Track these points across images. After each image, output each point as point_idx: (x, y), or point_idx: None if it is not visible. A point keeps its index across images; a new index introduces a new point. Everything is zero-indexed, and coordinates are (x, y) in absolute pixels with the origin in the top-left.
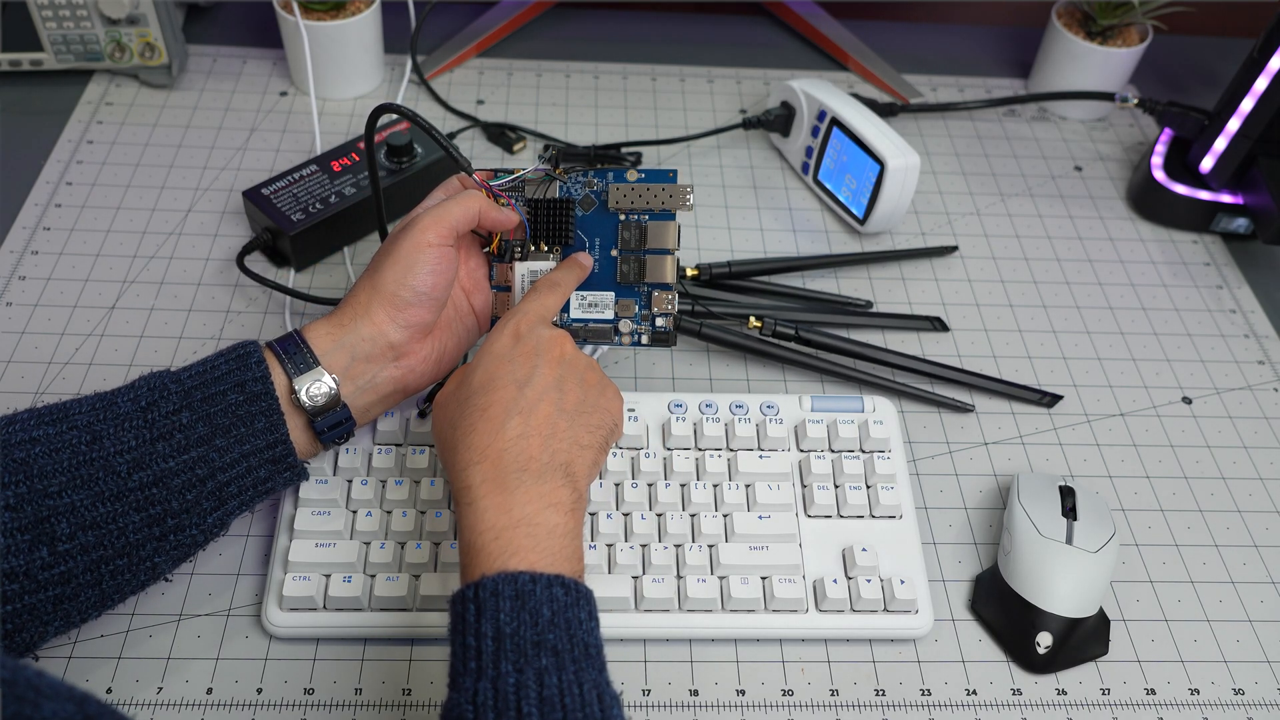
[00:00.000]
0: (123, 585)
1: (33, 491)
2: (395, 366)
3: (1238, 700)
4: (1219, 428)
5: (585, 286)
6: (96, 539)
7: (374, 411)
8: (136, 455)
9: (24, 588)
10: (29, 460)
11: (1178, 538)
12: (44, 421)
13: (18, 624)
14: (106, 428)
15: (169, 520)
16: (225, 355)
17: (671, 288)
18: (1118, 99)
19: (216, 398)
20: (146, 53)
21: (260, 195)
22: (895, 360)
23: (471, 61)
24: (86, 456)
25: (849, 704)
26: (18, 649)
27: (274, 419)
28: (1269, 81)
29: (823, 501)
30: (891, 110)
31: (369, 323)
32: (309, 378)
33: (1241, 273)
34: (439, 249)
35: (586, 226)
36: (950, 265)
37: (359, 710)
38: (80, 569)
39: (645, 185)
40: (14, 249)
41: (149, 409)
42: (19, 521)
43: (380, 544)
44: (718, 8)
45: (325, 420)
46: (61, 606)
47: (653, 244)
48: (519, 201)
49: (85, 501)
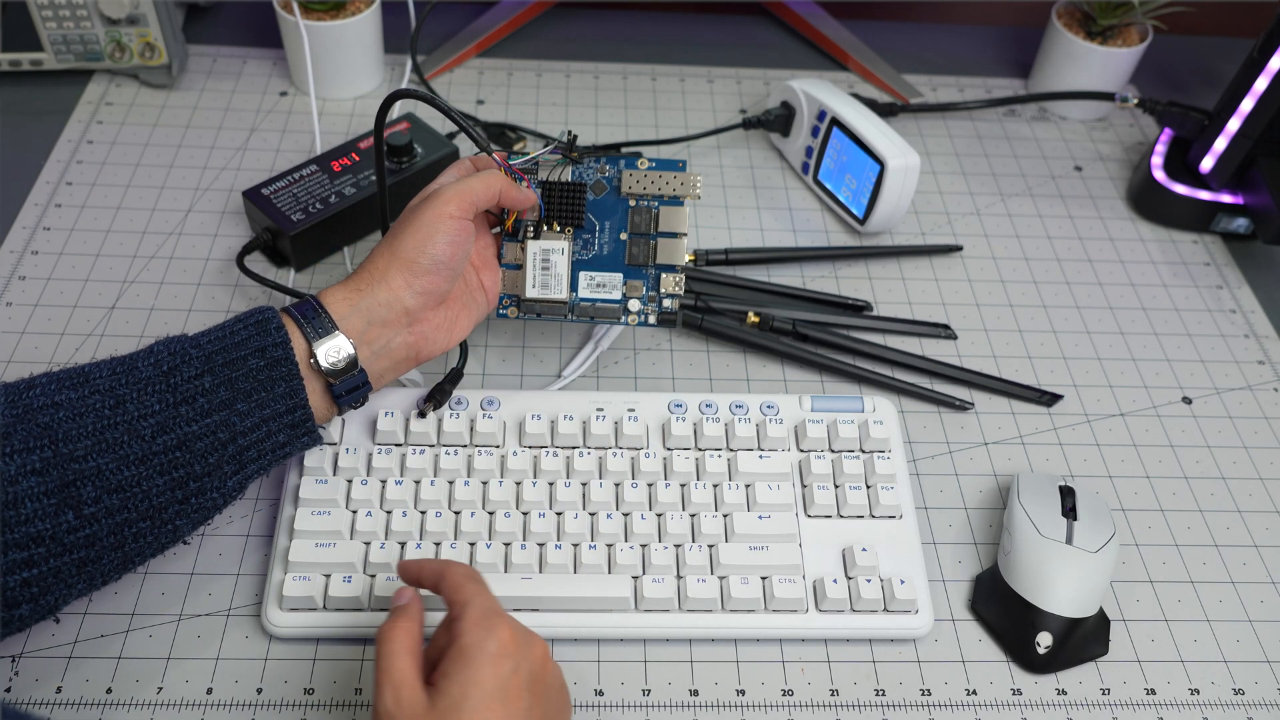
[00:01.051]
0: (144, 548)
1: (58, 455)
2: (409, 332)
3: (1238, 700)
4: (1219, 428)
5: (594, 268)
6: (121, 502)
7: (387, 377)
8: (160, 419)
9: (50, 551)
10: (53, 425)
11: (1178, 538)
12: (65, 386)
13: (43, 587)
14: (129, 392)
15: (191, 483)
16: (244, 320)
17: (679, 270)
18: (1118, 99)
19: (237, 363)
20: (146, 53)
21: (260, 195)
22: (895, 358)
23: (471, 61)
24: (110, 420)
25: (849, 704)
26: (41, 612)
27: (294, 384)
28: (1269, 81)
29: (823, 501)
30: (891, 110)
31: (386, 288)
32: (327, 342)
33: (1241, 273)
34: (459, 221)
35: (597, 210)
36: (951, 265)
37: (359, 710)
38: (105, 532)
39: (656, 172)
40: (14, 249)
41: (170, 373)
42: (45, 485)
43: (380, 544)
44: (718, 8)
45: (343, 384)
46: (85, 569)
47: (665, 227)
48: (534, 182)
49: (111, 465)
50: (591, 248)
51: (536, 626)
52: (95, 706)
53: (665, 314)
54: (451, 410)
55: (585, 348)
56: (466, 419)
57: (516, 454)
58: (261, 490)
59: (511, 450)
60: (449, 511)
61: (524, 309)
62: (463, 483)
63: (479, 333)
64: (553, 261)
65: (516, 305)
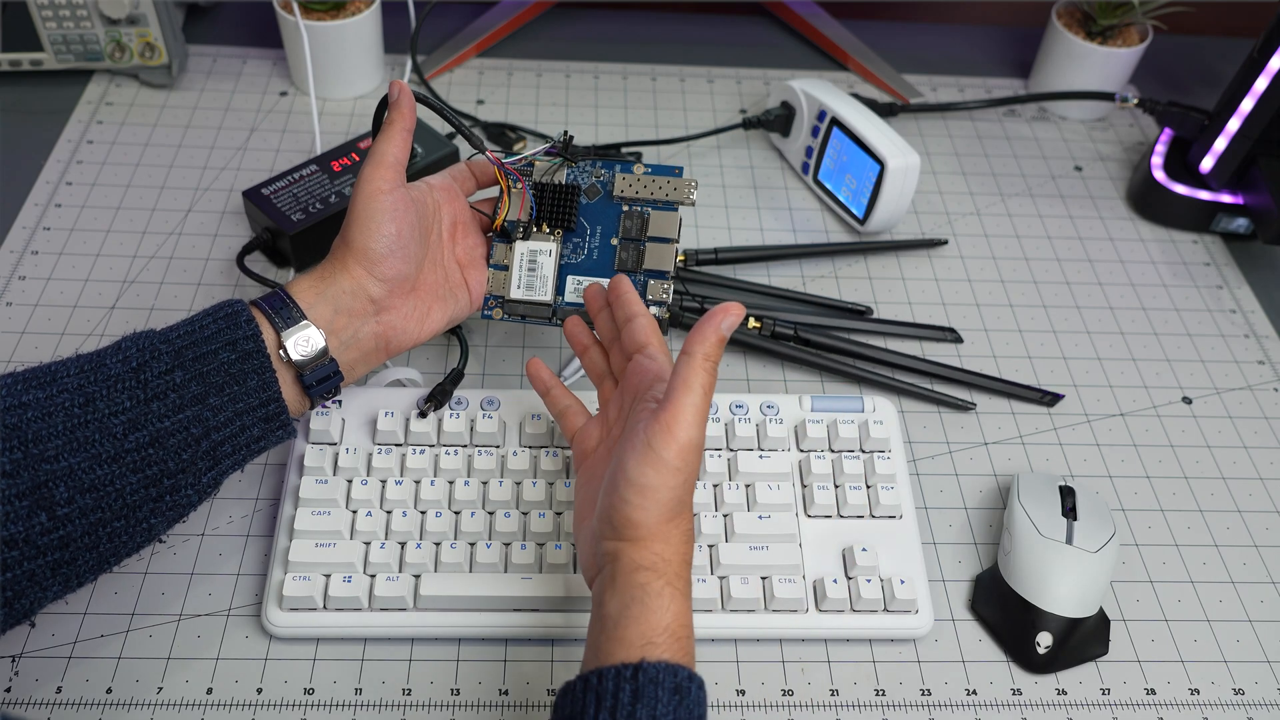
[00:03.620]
0: (120, 548)
1: (29, 457)
2: (377, 322)
3: (1238, 700)
4: (1219, 428)
5: (582, 272)
6: (95, 502)
7: (358, 369)
8: (132, 416)
9: (24, 554)
10: (21, 425)
11: (1178, 538)
12: (31, 385)
13: (17, 590)
14: (99, 389)
15: (166, 480)
16: (212, 314)
17: (668, 276)
18: (1118, 99)
19: (208, 356)
20: (146, 53)
21: (260, 195)
22: (895, 359)
23: (471, 61)
24: (81, 419)
25: (849, 704)
26: (17, 616)
27: (266, 376)
28: (1269, 81)
29: (823, 501)
30: (891, 110)
31: (348, 276)
32: (296, 332)
33: (1241, 273)
34: (391, 194)
35: (589, 214)
36: (950, 265)
37: (359, 710)
38: (79, 533)
39: (651, 177)
40: (14, 249)
41: (140, 369)
42: (16, 488)
43: (380, 544)
44: (718, 8)
45: (314, 374)
46: (60, 571)
47: (654, 232)
48: (528, 183)
49: (83, 464)
50: (581, 251)
51: (537, 626)
52: (95, 706)
53: None
54: (451, 410)
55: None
56: (466, 419)
57: (516, 454)
58: (261, 490)
59: (511, 450)
60: (449, 511)
61: (508, 310)
62: (463, 483)
63: (479, 333)
64: (540, 263)
65: (502, 306)
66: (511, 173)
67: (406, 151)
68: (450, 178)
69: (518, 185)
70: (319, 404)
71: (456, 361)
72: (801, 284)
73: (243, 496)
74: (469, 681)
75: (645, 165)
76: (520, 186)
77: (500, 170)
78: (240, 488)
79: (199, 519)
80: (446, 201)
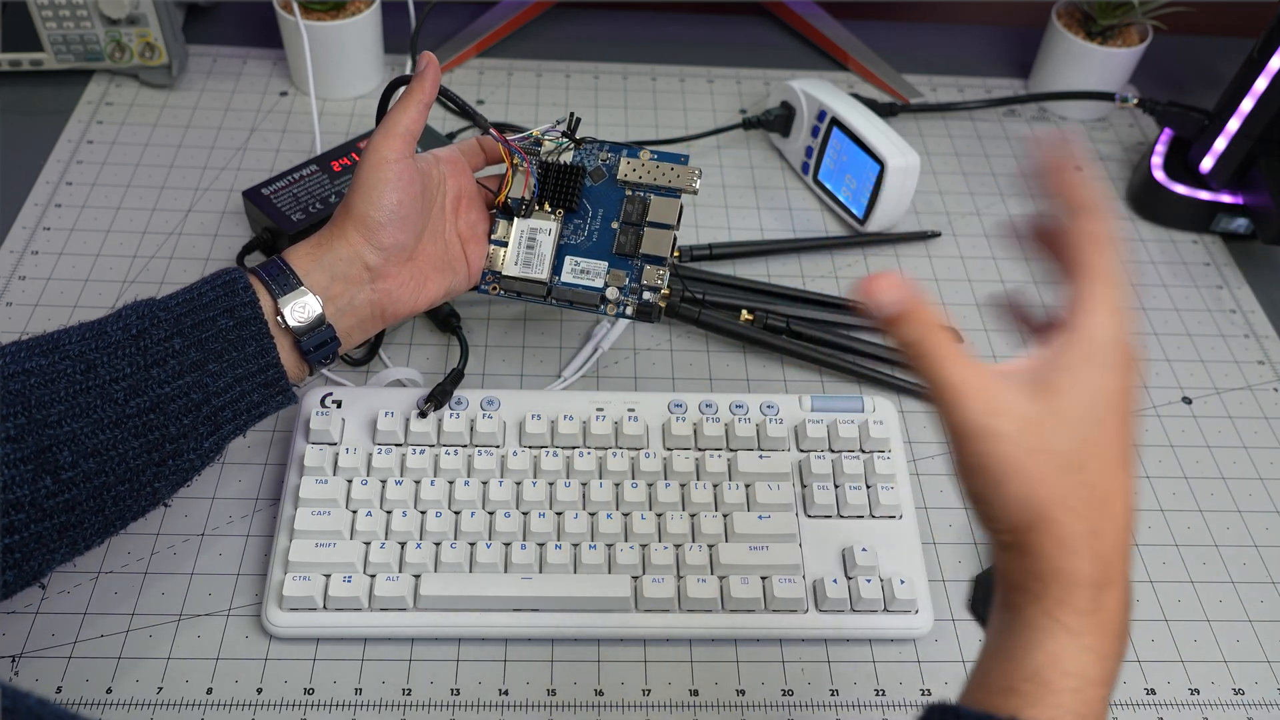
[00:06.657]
0: (125, 511)
1: (32, 422)
2: (373, 289)
3: (1238, 700)
4: (1219, 428)
5: (581, 253)
6: (98, 466)
7: (354, 336)
8: (132, 382)
9: (30, 516)
10: (25, 391)
11: (1178, 538)
12: (35, 353)
13: (25, 553)
14: (100, 356)
15: (168, 445)
16: (210, 282)
17: (665, 262)
18: (1118, 99)
19: (207, 324)
20: (146, 53)
21: (260, 195)
22: (896, 357)
23: (471, 61)
24: (83, 385)
25: (849, 704)
26: (26, 578)
27: (265, 343)
28: (1269, 81)
29: (823, 501)
30: (891, 110)
31: (345, 244)
32: (293, 298)
33: (1241, 273)
34: (398, 164)
35: (593, 196)
36: (950, 265)
37: (359, 710)
38: (84, 496)
39: (655, 163)
40: (14, 249)
41: (140, 336)
42: (21, 452)
43: (380, 544)
44: (718, 8)
45: (311, 340)
46: (67, 534)
47: (654, 217)
48: (533, 162)
49: (85, 429)
50: (581, 233)
51: (536, 626)
52: (95, 706)
53: (643, 306)
54: (451, 410)
55: (585, 347)
56: (466, 419)
57: (516, 454)
58: (261, 490)
59: (511, 450)
60: (449, 511)
61: (504, 286)
62: (463, 483)
63: (479, 333)
64: (538, 241)
65: (498, 282)
66: (517, 150)
67: (420, 124)
68: (459, 151)
69: (523, 164)
70: (318, 370)
71: (456, 361)
72: (802, 284)
73: (243, 496)
74: (469, 681)
75: (651, 150)
76: (525, 165)
77: (505, 147)
78: (240, 488)
79: (199, 519)
80: (452, 175)
